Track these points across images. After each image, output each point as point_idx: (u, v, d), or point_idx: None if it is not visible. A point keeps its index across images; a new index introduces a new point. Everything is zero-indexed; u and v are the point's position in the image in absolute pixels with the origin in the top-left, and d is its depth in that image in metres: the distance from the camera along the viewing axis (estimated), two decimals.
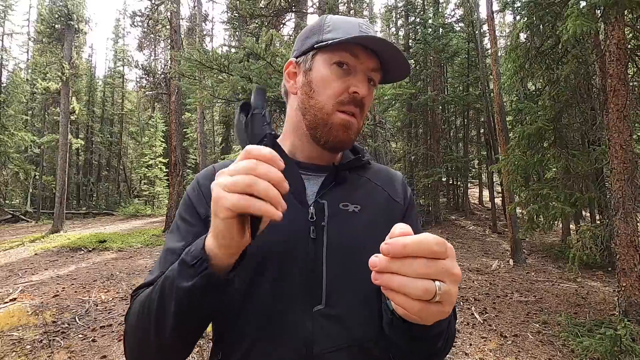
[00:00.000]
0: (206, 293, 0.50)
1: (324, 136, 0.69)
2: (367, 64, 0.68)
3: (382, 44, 0.66)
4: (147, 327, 0.55)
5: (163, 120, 22.46)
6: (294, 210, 0.65)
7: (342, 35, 0.66)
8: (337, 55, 0.67)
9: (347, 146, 0.71)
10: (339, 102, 0.67)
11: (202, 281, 0.49)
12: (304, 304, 0.62)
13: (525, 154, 5.69)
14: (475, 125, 16.87)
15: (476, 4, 13.76)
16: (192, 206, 0.69)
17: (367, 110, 0.72)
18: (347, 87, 0.67)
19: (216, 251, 0.48)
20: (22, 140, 16.25)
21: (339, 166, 0.73)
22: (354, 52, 0.67)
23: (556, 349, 3.64)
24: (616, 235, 3.90)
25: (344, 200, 0.69)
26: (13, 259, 7.64)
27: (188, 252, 0.52)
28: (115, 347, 3.55)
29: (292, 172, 0.69)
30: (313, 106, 0.69)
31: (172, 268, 0.53)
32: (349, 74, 0.67)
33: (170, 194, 11.77)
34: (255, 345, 0.61)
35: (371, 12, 21.05)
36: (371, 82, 0.70)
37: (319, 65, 0.69)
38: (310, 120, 0.70)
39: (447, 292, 0.38)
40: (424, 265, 0.37)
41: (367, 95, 0.68)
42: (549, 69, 5.70)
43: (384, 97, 5.51)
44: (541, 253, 9.07)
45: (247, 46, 4.43)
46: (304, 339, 0.60)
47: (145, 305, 0.56)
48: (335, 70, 0.67)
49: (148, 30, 15.70)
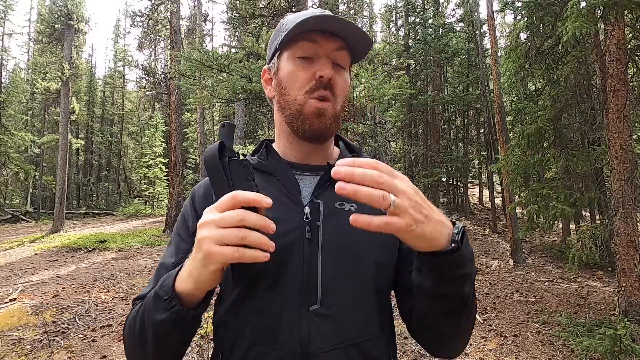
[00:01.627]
0: (178, 325, 0.55)
1: (300, 127, 0.69)
2: (327, 47, 0.68)
3: (335, 21, 0.65)
4: (135, 345, 0.61)
5: (163, 120, 22.46)
6: (289, 211, 0.66)
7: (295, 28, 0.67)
8: (297, 47, 0.68)
9: (325, 133, 0.70)
10: (308, 91, 0.68)
11: (173, 316, 0.53)
12: (300, 304, 0.62)
13: (525, 154, 5.69)
14: (475, 125, 16.88)
15: (476, 4, 13.76)
16: (184, 221, 0.73)
17: (342, 93, 0.71)
18: (313, 74, 0.67)
19: (191, 290, 0.53)
20: (22, 140, 16.26)
21: (334, 165, 0.73)
22: (312, 39, 0.67)
23: (556, 349, 3.64)
24: (616, 235, 3.89)
25: (340, 199, 0.68)
26: (13, 259, 7.64)
27: (162, 285, 0.56)
28: (115, 347, 3.55)
29: (285, 173, 0.70)
30: (287, 101, 0.70)
31: (150, 296, 0.59)
32: (312, 62, 0.68)
33: (170, 194, 11.77)
34: (253, 346, 0.62)
35: (371, 12, 21.03)
36: (339, 65, 0.70)
37: (284, 63, 0.71)
38: (287, 115, 0.71)
39: (399, 205, 0.44)
40: (377, 176, 0.43)
41: (333, 75, 0.67)
42: (549, 69, 5.70)
43: (384, 97, 5.51)
44: (541, 253, 9.07)
45: (247, 46, 4.43)
46: (299, 339, 0.61)
47: (132, 326, 0.62)
48: (299, 62, 0.69)
49: (148, 30, 15.70)
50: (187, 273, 0.53)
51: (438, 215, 0.49)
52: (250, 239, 0.46)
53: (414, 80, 13.69)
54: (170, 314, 0.53)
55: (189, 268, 0.53)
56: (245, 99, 5.47)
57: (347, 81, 0.73)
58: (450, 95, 14.13)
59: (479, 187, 17.96)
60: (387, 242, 0.68)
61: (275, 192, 0.67)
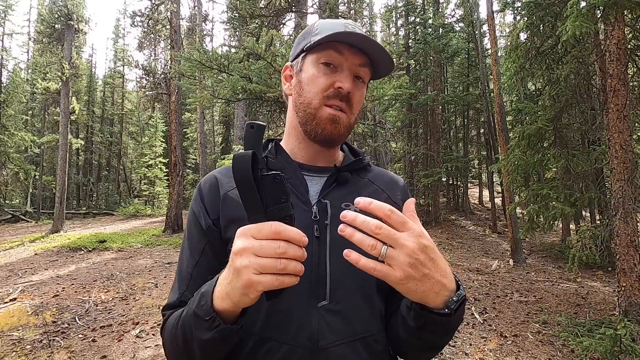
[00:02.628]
0: (225, 341, 0.56)
1: (314, 130, 0.72)
2: (352, 60, 0.71)
3: (365, 41, 0.68)
4: (180, 356, 0.63)
5: (163, 120, 22.46)
6: (298, 210, 0.68)
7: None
8: (324, 54, 0.71)
9: (336, 139, 0.73)
10: (325, 97, 0.70)
11: (219, 334, 0.54)
12: (309, 300, 0.64)
13: (525, 154, 5.68)
14: (475, 125, 16.88)
15: (476, 4, 13.76)
16: (196, 220, 0.73)
17: (358, 106, 0.74)
18: (333, 83, 0.70)
19: (230, 309, 0.53)
20: (22, 140, 16.26)
21: (340, 167, 0.76)
22: (339, 50, 0.70)
23: (556, 349, 3.64)
24: (616, 235, 3.89)
25: (346, 200, 0.71)
26: (13, 259, 7.64)
27: (200, 305, 0.56)
28: (115, 347, 3.55)
29: (295, 173, 0.73)
30: (302, 102, 0.73)
31: (188, 314, 0.58)
32: (335, 72, 0.71)
33: (170, 194, 11.77)
34: (262, 341, 0.63)
35: (371, 12, 21.05)
36: (360, 79, 0.73)
37: (308, 66, 0.73)
38: (302, 116, 0.73)
39: (392, 257, 0.46)
40: (375, 227, 0.46)
41: (352, 89, 0.70)
42: (549, 69, 5.70)
43: (384, 97, 5.51)
44: (541, 253, 9.08)
45: (247, 46, 4.43)
46: (309, 334, 0.62)
47: (174, 342, 0.62)
48: (322, 68, 0.71)
49: (148, 30, 15.69)
50: (224, 294, 0.52)
51: (441, 276, 0.51)
52: (290, 268, 0.47)
53: (414, 80, 13.67)
54: (216, 332, 0.54)
55: (225, 290, 0.52)
56: (245, 99, 5.47)
57: (363, 95, 0.76)
58: (450, 95, 14.12)
59: (479, 187, 17.95)
60: None
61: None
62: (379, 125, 10.26)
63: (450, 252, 8.69)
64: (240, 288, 0.49)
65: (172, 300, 0.69)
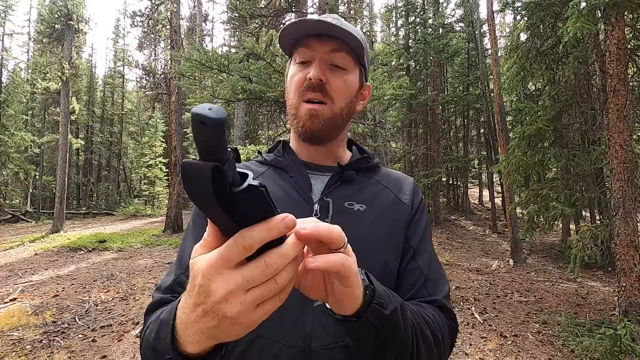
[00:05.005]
0: None
1: (297, 128, 0.73)
2: (322, 50, 0.70)
3: (324, 26, 0.68)
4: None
5: (163, 120, 22.45)
6: (298, 207, 0.69)
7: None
8: (298, 53, 0.73)
9: (319, 135, 0.72)
10: (301, 93, 0.71)
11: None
12: (304, 300, 0.61)
13: (525, 154, 5.69)
14: (475, 125, 16.88)
15: (476, 4, 13.78)
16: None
17: (340, 93, 0.72)
18: (305, 76, 0.71)
19: (202, 348, 0.41)
20: (22, 140, 16.25)
21: (344, 166, 0.76)
22: (308, 45, 0.71)
23: (556, 349, 3.64)
24: (616, 235, 3.89)
25: (349, 199, 0.71)
26: (13, 259, 7.64)
27: (158, 336, 0.47)
28: (115, 347, 3.55)
29: (299, 171, 0.74)
30: (289, 104, 0.75)
31: (151, 335, 0.51)
32: (309, 66, 0.71)
33: (170, 194, 11.76)
34: (256, 341, 0.62)
35: (371, 12, 21.05)
36: (337, 65, 0.71)
37: (290, 69, 0.76)
38: (291, 117, 0.75)
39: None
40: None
41: (323, 77, 0.69)
42: (549, 69, 5.70)
43: (384, 97, 5.51)
44: (541, 253, 9.08)
45: (247, 46, 4.43)
46: (303, 335, 0.61)
47: (145, 350, 0.54)
48: (297, 67, 0.73)
49: (148, 30, 15.70)
50: (201, 332, 0.39)
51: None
52: (288, 289, 0.39)
53: (414, 81, 13.68)
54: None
55: (204, 329, 0.38)
56: (245, 99, 5.48)
57: (348, 81, 0.73)
58: (450, 95, 14.12)
59: (479, 187, 17.95)
60: (395, 245, 0.70)
61: (287, 188, 0.72)
62: (379, 125, 10.26)
63: (450, 252, 8.69)
64: (234, 336, 0.39)
65: (166, 283, 0.65)
